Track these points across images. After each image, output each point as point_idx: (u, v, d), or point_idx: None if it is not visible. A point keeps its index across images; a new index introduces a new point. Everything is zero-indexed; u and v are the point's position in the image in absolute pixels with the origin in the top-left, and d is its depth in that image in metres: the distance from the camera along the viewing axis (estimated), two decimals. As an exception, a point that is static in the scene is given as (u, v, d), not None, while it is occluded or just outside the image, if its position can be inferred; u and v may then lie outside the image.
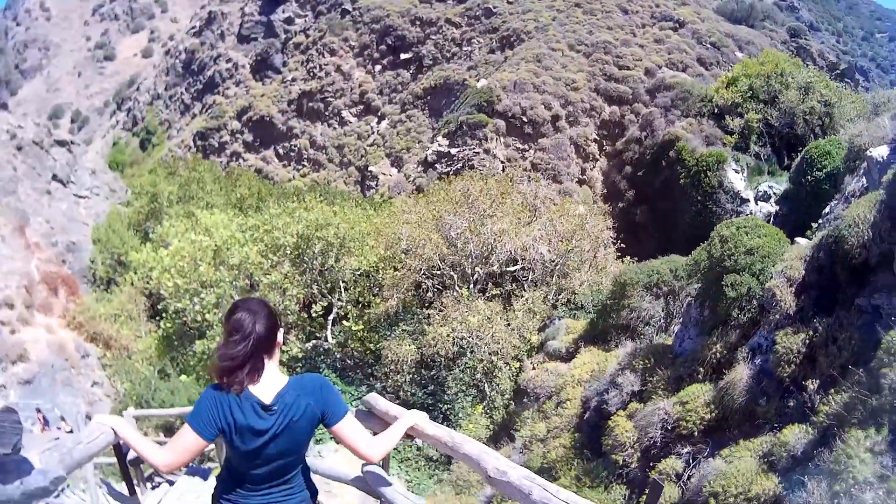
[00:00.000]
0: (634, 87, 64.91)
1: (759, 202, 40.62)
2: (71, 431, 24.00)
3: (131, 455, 6.35)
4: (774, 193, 39.60)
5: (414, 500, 5.07)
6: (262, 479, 4.32)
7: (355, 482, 6.38)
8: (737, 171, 43.41)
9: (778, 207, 37.47)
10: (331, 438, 21.29)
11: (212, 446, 12.20)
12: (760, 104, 46.63)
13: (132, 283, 38.77)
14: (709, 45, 72.59)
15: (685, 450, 13.66)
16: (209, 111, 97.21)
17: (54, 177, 55.61)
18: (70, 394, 35.10)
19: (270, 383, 4.26)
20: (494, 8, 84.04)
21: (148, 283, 35.11)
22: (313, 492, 4.68)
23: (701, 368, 14.79)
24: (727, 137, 46.77)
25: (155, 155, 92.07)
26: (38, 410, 25.42)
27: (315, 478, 7.30)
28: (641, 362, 16.97)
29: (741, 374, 13.19)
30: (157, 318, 35.29)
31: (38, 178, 52.81)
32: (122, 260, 44.71)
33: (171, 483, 13.70)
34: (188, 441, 4.17)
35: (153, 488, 13.94)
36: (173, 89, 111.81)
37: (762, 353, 13.26)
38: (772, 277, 13.80)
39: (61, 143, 62.37)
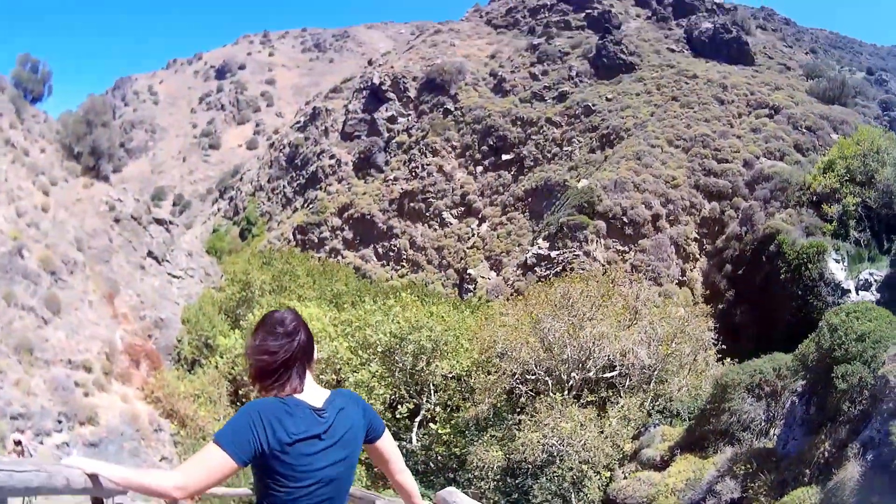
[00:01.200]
0: (733, 180, 64.82)
1: (859, 291, 39.04)
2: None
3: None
4: (875, 281, 38.36)
5: None
6: None
7: None
8: (837, 261, 41.91)
9: (879, 295, 36.27)
10: None
11: None
12: (858, 186, 45.47)
13: (216, 367, 38.52)
14: (804, 130, 71.78)
15: None
16: (310, 206, 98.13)
17: (149, 253, 56.42)
18: (136, 464, 34.66)
19: (315, 391, 3.89)
20: (594, 106, 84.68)
21: (233, 368, 35.31)
22: None
23: (807, 470, 14.17)
24: (826, 226, 45.40)
25: (254, 245, 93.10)
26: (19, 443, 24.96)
27: None
28: (742, 467, 16.28)
29: (852, 472, 12.33)
30: (239, 403, 34.87)
31: (133, 251, 53.59)
32: (209, 342, 44.77)
33: None
34: (213, 461, 3.48)
35: None
36: (276, 182, 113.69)
37: (875, 448, 12.24)
38: (885, 363, 12.69)
39: (160, 222, 63.50)
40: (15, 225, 41.51)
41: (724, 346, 30.88)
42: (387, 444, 4.16)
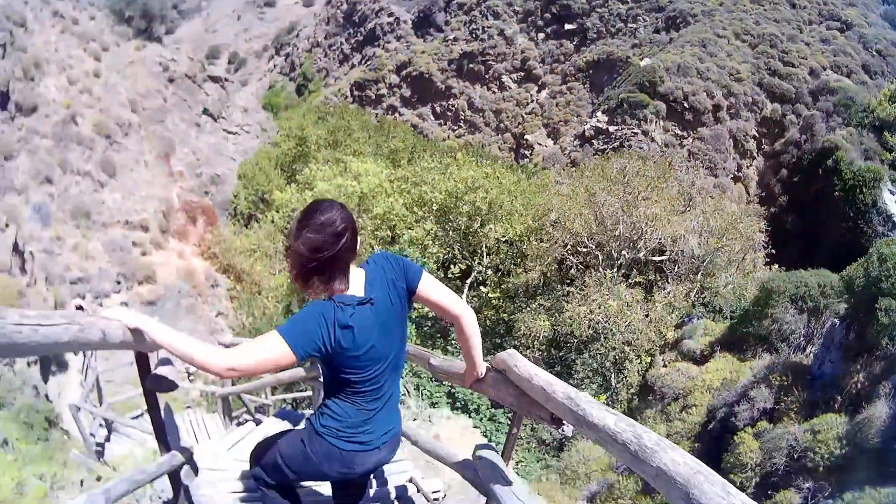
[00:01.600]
0: (798, 86, 62.75)
1: (911, 228, 38.07)
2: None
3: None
4: (927, 220, 36.92)
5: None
6: (383, 388, 3.87)
7: (461, 468, 5.00)
8: (892, 193, 40.99)
9: (930, 235, 35.03)
10: (447, 403, 20.67)
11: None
12: (922, 122, 43.53)
13: (272, 221, 38.77)
14: (874, 52, 69.37)
15: (807, 484, 12.87)
16: (368, 63, 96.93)
17: (205, 111, 56.40)
18: (193, 320, 35.55)
19: (356, 280, 3.76)
20: None
21: (288, 223, 34.16)
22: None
23: (838, 397, 13.90)
24: (885, 154, 44.53)
25: (311, 101, 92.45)
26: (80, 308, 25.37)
27: (414, 450, 7.01)
28: (778, 378, 16.09)
29: (880, 411, 12.17)
30: (293, 258, 35.50)
31: (188, 110, 53.60)
32: (265, 197, 45.19)
33: (258, 423, 13.05)
34: (273, 351, 3.42)
35: (238, 425, 13.45)
36: (333, 38, 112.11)
37: (907, 393, 11.94)
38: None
39: (214, 79, 63.32)
40: (67, 93, 41.60)
41: (773, 251, 30.44)
42: (428, 285, 3.94)
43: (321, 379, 4.33)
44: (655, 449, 2.54)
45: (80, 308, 20.45)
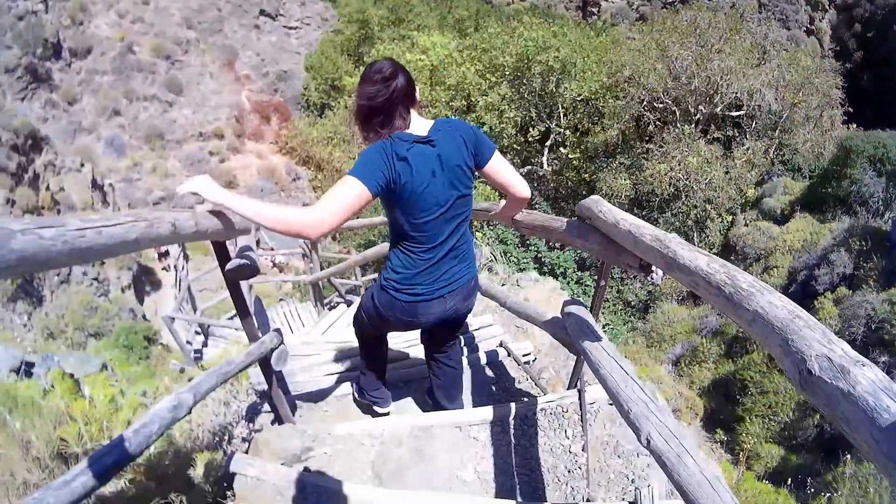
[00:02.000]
0: None
1: None
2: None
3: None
4: None
5: (624, 365, 3.64)
6: (439, 236, 3.95)
7: (550, 326, 4.89)
8: None
9: None
10: (534, 268, 20.64)
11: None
12: None
13: (346, 107, 38.63)
14: None
15: (882, 358, 12.48)
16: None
17: (262, 12, 55.95)
18: (279, 219, 36.04)
19: (420, 124, 3.87)
20: None
21: None
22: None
23: None
24: None
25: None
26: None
27: (505, 315, 7.41)
28: (857, 243, 15.66)
29: None
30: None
31: (244, 14, 53.28)
32: (335, 84, 45.17)
33: (350, 304, 13.13)
34: (351, 193, 3.43)
35: (330, 310, 13.67)
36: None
37: None
38: None
39: (267, -22, 62.67)
40: (119, 27, 41.75)
41: (850, 110, 29.32)
42: (498, 163, 4.03)
43: None
44: (751, 291, 2.39)
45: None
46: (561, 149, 30.26)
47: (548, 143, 30.37)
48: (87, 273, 23.11)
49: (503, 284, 10.42)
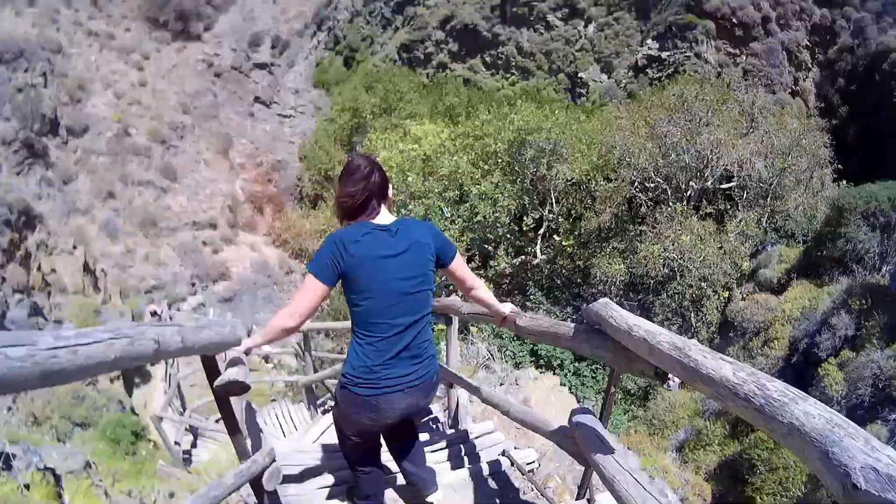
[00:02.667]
0: None
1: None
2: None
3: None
4: None
5: (640, 479, 3.46)
6: (394, 327, 4.11)
7: (558, 437, 4.82)
8: None
9: None
10: (530, 362, 20.95)
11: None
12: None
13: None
14: None
15: (893, 416, 12.43)
16: (411, 23, 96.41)
17: (256, 99, 56.79)
18: (271, 310, 35.92)
19: (386, 217, 4.30)
20: None
21: None
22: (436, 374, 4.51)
23: None
24: None
25: (360, 71, 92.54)
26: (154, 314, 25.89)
27: (504, 421, 7.54)
28: (857, 302, 15.56)
29: None
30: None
31: (239, 101, 54.03)
32: (328, 175, 45.49)
33: None
34: (308, 288, 4.04)
35: (324, 413, 13.56)
36: (372, 4, 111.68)
37: None
38: None
39: (261, 67, 63.70)
40: (116, 108, 42.24)
41: (839, 166, 29.63)
42: (458, 265, 4.48)
43: None
44: (784, 401, 2.23)
45: (154, 314, 20.66)
46: (554, 236, 30.31)
47: (541, 231, 30.41)
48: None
49: (501, 384, 10.29)
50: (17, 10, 44.18)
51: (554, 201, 30.14)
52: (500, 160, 30.00)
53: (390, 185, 4.47)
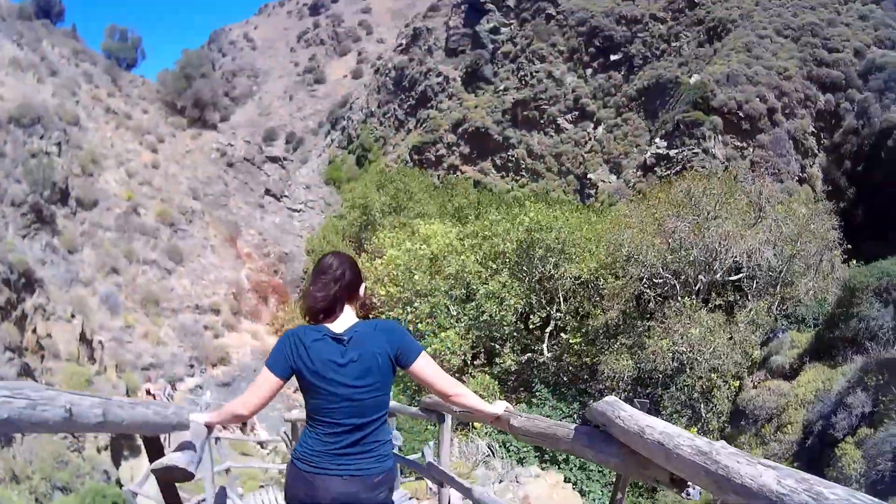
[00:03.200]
0: (846, 70, 62.98)
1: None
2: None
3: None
4: None
5: None
6: (340, 426, 4.14)
7: None
8: None
9: None
10: (535, 457, 20.48)
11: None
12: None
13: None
14: None
15: None
16: (424, 125, 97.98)
17: (267, 191, 57.13)
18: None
19: (345, 320, 4.31)
20: None
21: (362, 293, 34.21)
22: (394, 471, 4.49)
23: None
24: None
25: (372, 170, 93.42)
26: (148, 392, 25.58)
27: None
28: (873, 378, 15.31)
29: None
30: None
31: (250, 192, 54.31)
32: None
33: None
34: (262, 380, 4.16)
35: None
36: (386, 106, 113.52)
37: None
38: None
39: (274, 160, 64.22)
40: (127, 186, 42.50)
41: (849, 247, 29.44)
42: (422, 367, 4.32)
43: None
44: None
45: (148, 392, 20.26)
46: (562, 334, 30.02)
47: (548, 329, 30.06)
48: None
49: (501, 481, 9.86)
50: (40, 76, 44.85)
51: (562, 300, 29.93)
52: (508, 260, 29.95)
53: (363, 285, 4.60)
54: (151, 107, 57.37)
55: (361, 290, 4.52)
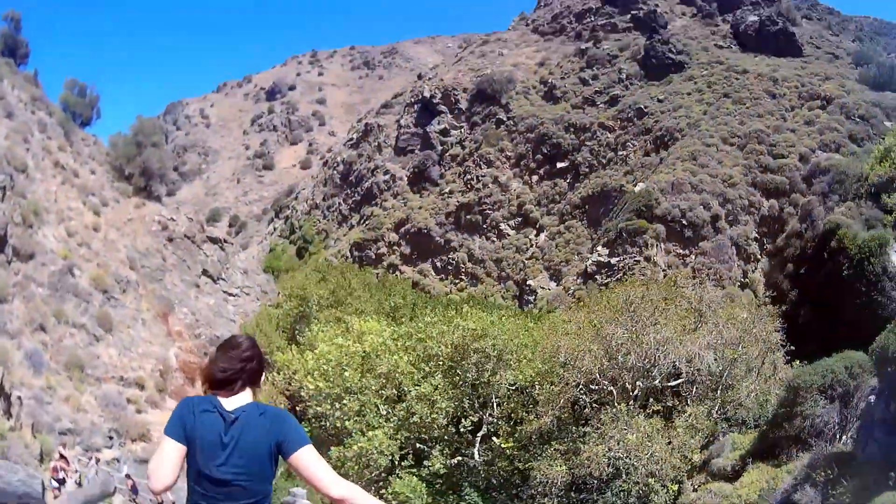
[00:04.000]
0: (791, 175, 65.76)
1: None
2: None
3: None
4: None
5: None
6: (214, 500, 4.10)
7: None
8: None
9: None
10: None
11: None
12: (917, 174, 44.19)
13: (273, 384, 37.95)
14: (858, 119, 72.34)
15: None
16: (366, 222, 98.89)
17: (204, 272, 56.61)
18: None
19: (239, 399, 4.30)
20: (646, 108, 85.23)
21: (289, 385, 34.77)
22: None
23: (893, 473, 13.24)
24: (886, 217, 44.60)
25: (311, 263, 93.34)
26: (128, 477, 24.85)
27: None
28: (822, 474, 15.35)
29: None
30: (295, 418, 34.73)
31: (187, 270, 53.75)
32: (266, 360, 44.25)
33: None
34: (164, 447, 4.11)
35: None
36: (331, 199, 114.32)
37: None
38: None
39: (214, 241, 63.78)
40: (65, 244, 41.66)
41: (792, 348, 29.79)
42: (304, 458, 4.16)
43: None
44: None
45: (62, 457, 19.49)
46: (494, 438, 29.51)
47: (480, 433, 29.67)
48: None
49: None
50: (-6, 117, 44.24)
51: (495, 405, 29.64)
52: (441, 363, 29.58)
53: (264, 373, 4.62)
54: (100, 168, 56.92)
55: (262, 379, 4.54)
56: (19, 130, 46.34)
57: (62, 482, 26.43)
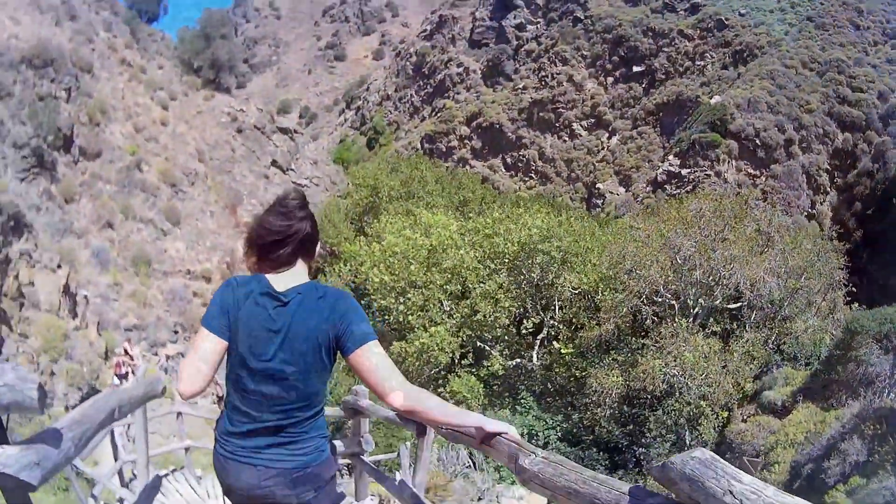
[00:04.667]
0: (867, 111, 62.97)
1: None
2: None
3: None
4: None
5: None
6: (260, 403, 3.43)
7: None
8: None
9: None
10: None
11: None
12: None
13: (339, 275, 37.93)
14: None
15: None
16: (438, 115, 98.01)
17: (273, 162, 56.59)
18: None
19: (292, 277, 3.53)
20: (727, 20, 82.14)
21: (356, 276, 34.12)
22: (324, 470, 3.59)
23: None
24: None
25: (381, 154, 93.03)
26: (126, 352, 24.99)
27: None
28: (871, 427, 14.94)
29: None
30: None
31: (256, 161, 53.77)
32: (333, 250, 44.67)
33: None
34: (199, 341, 3.44)
35: None
36: (403, 91, 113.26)
37: None
38: None
39: (284, 131, 63.72)
40: (133, 140, 41.86)
41: (853, 289, 29.00)
42: (367, 358, 3.38)
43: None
44: None
45: (126, 352, 19.69)
46: (553, 343, 29.62)
47: (540, 336, 29.69)
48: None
49: (480, 499, 9.37)
50: (59, 19, 44.20)
51: (557, 308, 29.49)
52: (507, 261, 29.39)
53: (318, 244, 3.82)
54: (167, 63, 56.95)
55: (316, 250, 3.80)
56: (83, 31, 46.27)
57: (124, 376, 26.99)
